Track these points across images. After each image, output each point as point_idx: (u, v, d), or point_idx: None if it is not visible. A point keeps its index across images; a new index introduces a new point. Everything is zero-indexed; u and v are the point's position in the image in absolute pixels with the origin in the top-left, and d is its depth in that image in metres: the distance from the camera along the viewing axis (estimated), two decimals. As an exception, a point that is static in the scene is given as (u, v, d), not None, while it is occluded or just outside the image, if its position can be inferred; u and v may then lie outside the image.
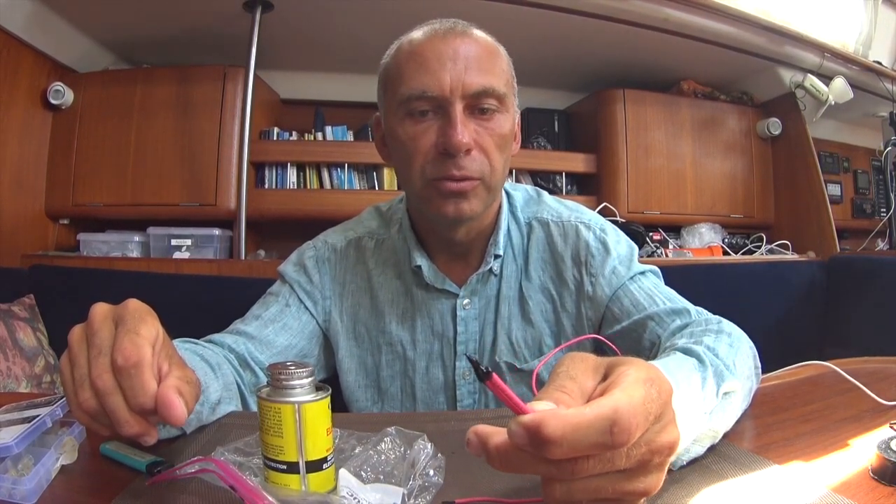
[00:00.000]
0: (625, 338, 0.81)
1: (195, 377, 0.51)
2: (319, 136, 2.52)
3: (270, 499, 0.41)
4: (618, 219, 2.42)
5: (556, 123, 2.83)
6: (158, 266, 2.04)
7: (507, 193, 0.90)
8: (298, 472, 0.45)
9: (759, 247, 2.67)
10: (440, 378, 0.88)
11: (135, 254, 2.25)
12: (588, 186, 2.73)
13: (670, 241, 2.63)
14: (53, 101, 2.19)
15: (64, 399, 0.52)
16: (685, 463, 0.50)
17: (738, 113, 2.81)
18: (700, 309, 0.80)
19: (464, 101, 0.74)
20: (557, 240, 0.88)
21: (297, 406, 0.45)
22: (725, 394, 0.56)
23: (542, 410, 0.35)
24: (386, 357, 0.88)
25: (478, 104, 0.75)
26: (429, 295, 0.87)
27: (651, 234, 2.50)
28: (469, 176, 0.74)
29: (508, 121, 0.78)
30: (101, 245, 2.26)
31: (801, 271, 2.29)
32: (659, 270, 0.89)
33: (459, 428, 0.43)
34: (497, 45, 0.80)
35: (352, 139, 2.53)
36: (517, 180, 2.58)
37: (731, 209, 2.76)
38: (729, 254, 2.61)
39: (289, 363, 0.47)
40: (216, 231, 2.26)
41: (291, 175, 2.40)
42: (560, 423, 0.33)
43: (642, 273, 0.86)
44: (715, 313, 0.78)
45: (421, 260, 0.85)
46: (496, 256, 0.85)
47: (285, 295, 0.88)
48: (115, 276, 1.93)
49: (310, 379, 0.47)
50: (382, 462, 0.48)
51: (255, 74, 2.16)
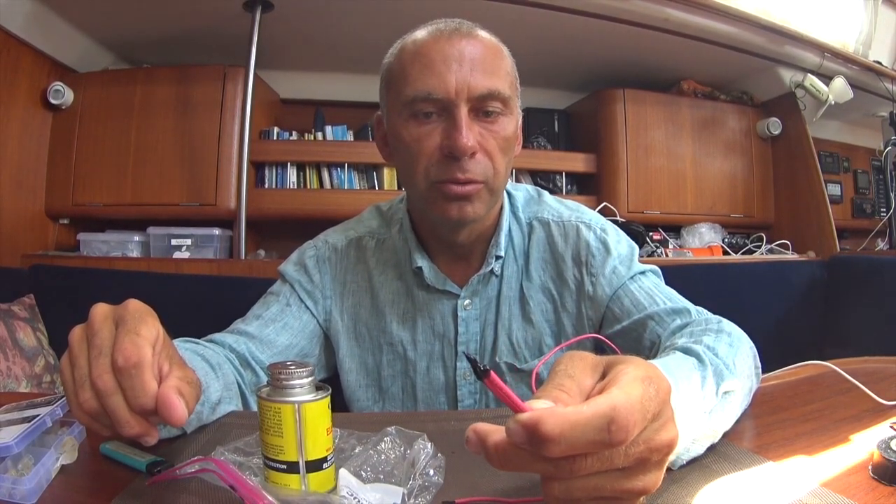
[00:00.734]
0: (625, 337, 0.81)
1: (196, 377, 0.51)
2: (319, 135, 2.52)
3: (270, 498, 0.41)
4: (618, 218, 2.41)
5: (556, 123, 2.83)
6: (158, 266, 2.04)
7: (509, 193, 0.90)
8: (298, 472, 0.45)
9: (759, 247, 2.67)
10: (441, 378, 0.88)
11: (135, 254, 2.25)
12: (588, 186, 2.72)
13: (670, 240, 2.63)
14: (53, 101, 2.19)
15: (64, 399, 0.52)
16: (685, 462, 0.50)
17: (738, 113, 2.81)
18: (700, 309, 0.80)
19: (469, 103, 0.73)
20: (558, 239, 0.88)
21: (297, 406, 0.45)
22: (725, 393, 0.56)
23: (540, 408, 0.35)
24: (387, 357, 0.88)
25: (483, 107, 0.74)
26: (430, 296, 0.87)
27: (651, 233, 2.50)
28: (473, 179, 0.74)
29: (512, 123, 0.78)
30: (101, 245, 2.25)
31: (801, 271, 2.29)
32: (659, 270, 0.89)
33: (460, 427, 0.43)
34: (501, 46, 0.79)
35: (352, 139, 2.53)
36: (517, 180, 2.58)
37: (731, 209, 2.76)
38: (729, 254, 2.61)
39: (289, 363, 0.47)
40: (216, 231, 2.26)
41: (291, 175, 2.40)
42: (558, 420, 0.33)
43: (643, 273, 0.86)
44: (715, 313, 0.78)
45: (422, 261, 0.85)
46: (497, 257, 0.85)
47: (286, 294, 0.88)
48: (116, 276, 1.93)
49: (310, 379, 0.47)
50: (382, 462, 0.48)
51: (255, 74, 2.15)
